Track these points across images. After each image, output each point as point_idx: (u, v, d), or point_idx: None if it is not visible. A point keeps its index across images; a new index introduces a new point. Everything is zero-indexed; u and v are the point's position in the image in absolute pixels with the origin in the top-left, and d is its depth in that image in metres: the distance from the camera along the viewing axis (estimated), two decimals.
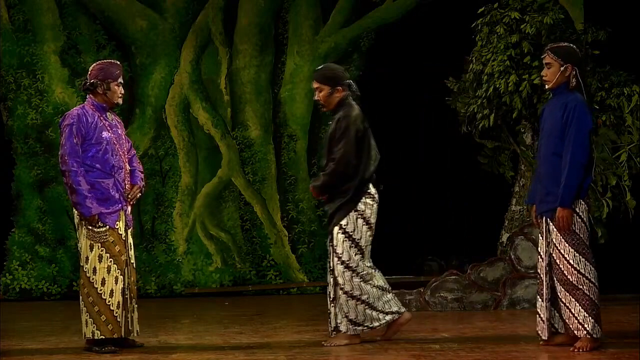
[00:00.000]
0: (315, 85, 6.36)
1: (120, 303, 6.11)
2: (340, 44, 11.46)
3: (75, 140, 6.12)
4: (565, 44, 6.11)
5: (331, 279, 6.29)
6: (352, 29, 11.45)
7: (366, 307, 6.23)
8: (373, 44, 11.46)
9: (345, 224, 6.23)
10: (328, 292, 6.33)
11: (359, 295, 6.21)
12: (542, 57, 6.02)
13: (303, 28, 11.48)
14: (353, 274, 6.21)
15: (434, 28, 10.83)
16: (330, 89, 6.30)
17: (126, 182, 6.30)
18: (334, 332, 6.29)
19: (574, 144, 5.75)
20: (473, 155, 9.43)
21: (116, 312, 6.09)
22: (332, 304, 6.28)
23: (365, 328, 6.26)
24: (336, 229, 6.24)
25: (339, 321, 6.24)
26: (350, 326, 6.22)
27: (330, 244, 6.30)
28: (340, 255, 6.21)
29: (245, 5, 11.44)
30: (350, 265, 6.20)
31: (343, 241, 6.21)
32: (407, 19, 11.26)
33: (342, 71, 6.46)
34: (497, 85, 8.46)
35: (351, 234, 6.23)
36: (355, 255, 6.22)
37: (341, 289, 6.21)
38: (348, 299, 6.20)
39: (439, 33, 10.67)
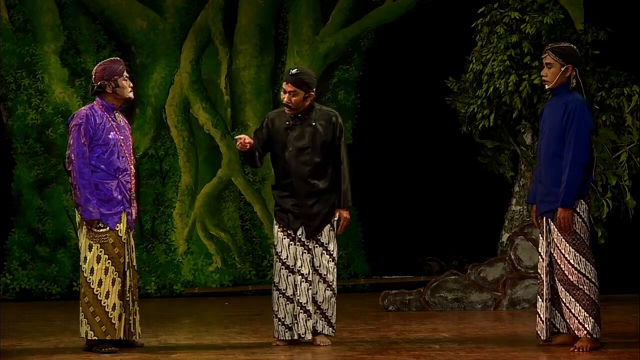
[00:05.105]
0: (290, 88, 6.29)
1: (117, 305, 6.07)
2: (340, 44, 11.45)
3: (82, 141, 6.10)
4: (566, 44, 6.10)
5: (316, 280, 6.27)
6: (352, 29, 11.44)
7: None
8: (373, 44, 11.44)
9: (333, 222, 6.36)
10: (306, 295, 6.28)
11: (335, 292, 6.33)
12: (543, 56, 6.01)
13: (303, 28, 11.48)
14: (335, 271, 6.33)
15: (434, 28, 10.82)
16: (305, 94, 6.31)
17: (131, 184, 6.29)
18: (317, 333, 6.28)
19: (575, 144, 5.75)
20: (473, 155, 9.42)
21: (111, 314, 6.05)
22: (313, 305, 6.26)
23: (334, 329, 6.34)
24: (328, 227, 6.32)
25: (330, 322, 6.27)
26: (330, 328, 6.31)
27: (314, 242, 6.31)
28: (332, 252, 6.30)
29: (245, 5, 11.43)
30: (336, 262, 6.34)
31: (334, 238, 6.34)
32: (407, 19, 11.25)
33: (315, 77, 6.47)
34: (497, 85, 8.46)
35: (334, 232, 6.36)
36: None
37: (330, 287, 6.26)
38: (333, 297, 6.28)
39: (439, 33, 10.66)
